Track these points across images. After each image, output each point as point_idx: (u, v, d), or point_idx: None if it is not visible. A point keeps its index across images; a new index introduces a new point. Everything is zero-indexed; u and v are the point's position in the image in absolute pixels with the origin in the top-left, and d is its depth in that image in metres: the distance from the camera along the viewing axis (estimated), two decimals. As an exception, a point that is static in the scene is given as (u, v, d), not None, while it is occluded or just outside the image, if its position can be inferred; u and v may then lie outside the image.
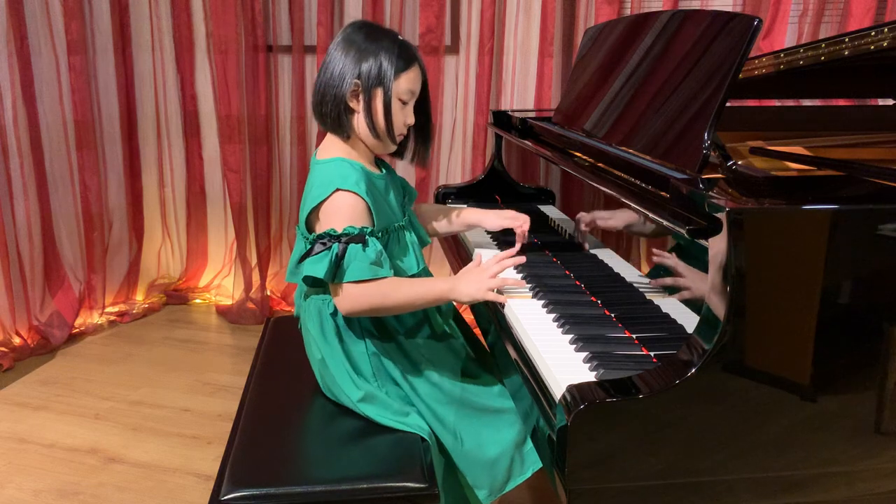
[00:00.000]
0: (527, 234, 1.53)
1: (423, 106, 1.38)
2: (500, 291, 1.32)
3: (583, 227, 1.48)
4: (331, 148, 1.35)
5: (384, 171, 1.41)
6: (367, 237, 1.25)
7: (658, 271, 1.19)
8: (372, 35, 1.30)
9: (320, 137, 1.39)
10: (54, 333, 2.79)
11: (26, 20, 2.62)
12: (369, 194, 1.28)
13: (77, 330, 2.92)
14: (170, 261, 3.38)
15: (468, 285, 1.29)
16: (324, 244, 1.24)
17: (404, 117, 1.33)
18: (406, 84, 1.30)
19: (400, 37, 1.32)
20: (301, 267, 1.32)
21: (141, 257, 3.24)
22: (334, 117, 1.31)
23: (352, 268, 1.23)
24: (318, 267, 1.23)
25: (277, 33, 2.94)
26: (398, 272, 1.32)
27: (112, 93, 2.98)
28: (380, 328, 1.36)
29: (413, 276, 1.35)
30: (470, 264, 1.34)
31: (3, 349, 2.62)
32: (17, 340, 2.69)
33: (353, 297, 1.25)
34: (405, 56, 1.29)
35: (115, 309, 3.12)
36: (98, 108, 2.93)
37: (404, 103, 1.32)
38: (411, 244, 1.38)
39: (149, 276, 3.32)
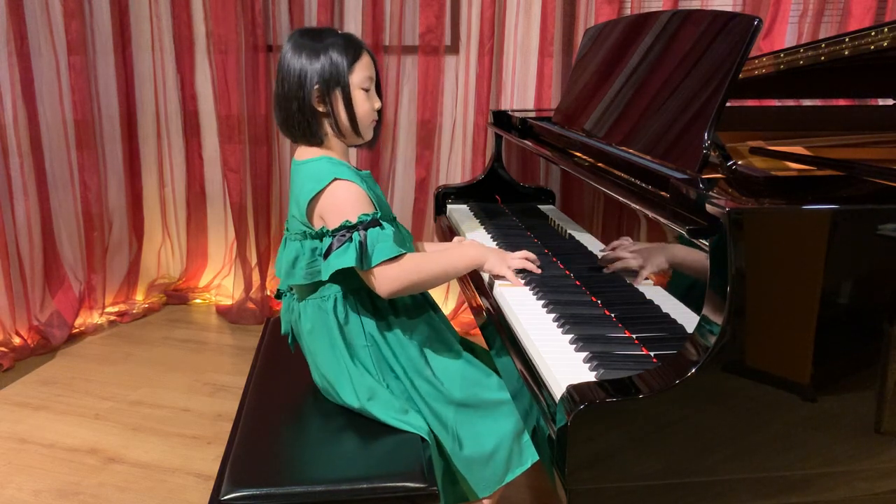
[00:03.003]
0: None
1: (376, 91, 1.40)
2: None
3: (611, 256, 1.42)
4: (309, 150, 1.38)
5: (366, 171, 1.43)
6: (380, 221, 1.28)
7: (659, 272, 1.19)
8: (316, 36, 1.32)
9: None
10: (54, 333, 2.78)
11: (26, 20, 2.62)
12: (363, 184, 1.32)
13: (77, 330, 2.92)
14: (170, 261, 3.38)
15: (498, 258, 1.40)
16: (343, 236, 1.25)
17: (371, 103, 1.36)
18: (362, 72, 1.33)
19: (340, 31, 1.35)
20: (295, 271, 1.35)
21: (141, 257, 3.24)
22: (304, 127, 1.33)
23: (378, 249, 1.25)
24: (345, 258, 1.25)
25: (277, 33, 2.94)
26: None
27: (112, 93, 2.98)
28: (379, 321, 1.36)
29: None
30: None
31: (3, 349, 2.62)
32: (17, 340, 2.69)
33: (389, 277, 1.27)
34: (352, 46, 1.32)
35: (115, 309, 3.12)
36: (98, 108, 2.93)
37: (366, 90, 1.34)
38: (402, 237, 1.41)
39: (149, 276, 3.32)
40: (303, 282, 1.35)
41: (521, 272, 1.44)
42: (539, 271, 1.43)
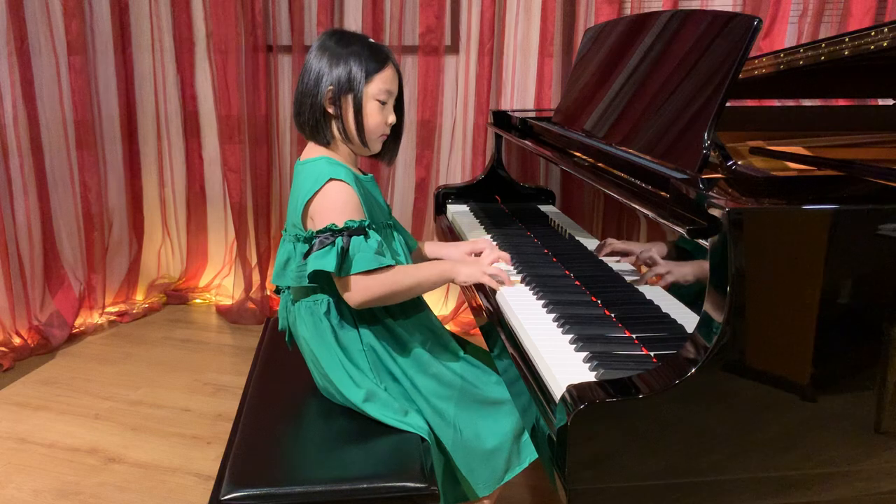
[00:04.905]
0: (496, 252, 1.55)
1: (398, 105, 1.40)
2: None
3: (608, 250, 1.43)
4: (313, 150, 1.38)
5: (369, 175, 1.42)
6: (367, 229, 1.27)
7: (657, 270, 1.19)
8: (343, 41, 1.32)
9: (303, 143, 1.41)
10: (54, 333, 2.78)
11: (26, 20, 2.61)
12: (358, 188, 1.31)
13: (77, 330, 2.92)
14: (170, 261, 3.38)
15: (467, 266, 1.38)
16: (326, 239, 1.25)
17: (384, 117, 1.36)
18: (381, 84, 1.32)
19: (370, 40, 1.34)
20: (286, 272, 1.36)
21: (141, 257, 3.24)
22: (312, 124, 1.33)
23: (357, 259, 1.25)
24: (325, 261, 1.24)
25: (277, 33, 2.94)
26: None
27: (112, 93, 2.98)
28: (375, 324, 1.36)
29: None
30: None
31: (3, 349, 2.62)
32: (17, 340, 2.68)
33: (362, 288, 1.28)
34: (377, 57, 1.32)
35: (115, 309, 3.12)
36: (98, 108, 2.93)
37: (383, 103, 1.34)
38: (400, 244, 1.41)
39: (149, 276, 3.32)
40: (292, 283, 1.36)
41: (521, 271, 1.44)
42: (510, 265, 1.42)
